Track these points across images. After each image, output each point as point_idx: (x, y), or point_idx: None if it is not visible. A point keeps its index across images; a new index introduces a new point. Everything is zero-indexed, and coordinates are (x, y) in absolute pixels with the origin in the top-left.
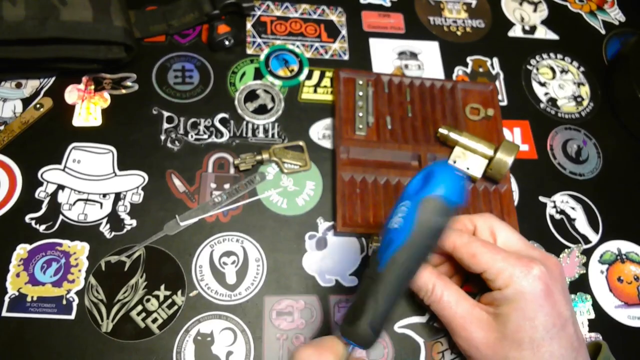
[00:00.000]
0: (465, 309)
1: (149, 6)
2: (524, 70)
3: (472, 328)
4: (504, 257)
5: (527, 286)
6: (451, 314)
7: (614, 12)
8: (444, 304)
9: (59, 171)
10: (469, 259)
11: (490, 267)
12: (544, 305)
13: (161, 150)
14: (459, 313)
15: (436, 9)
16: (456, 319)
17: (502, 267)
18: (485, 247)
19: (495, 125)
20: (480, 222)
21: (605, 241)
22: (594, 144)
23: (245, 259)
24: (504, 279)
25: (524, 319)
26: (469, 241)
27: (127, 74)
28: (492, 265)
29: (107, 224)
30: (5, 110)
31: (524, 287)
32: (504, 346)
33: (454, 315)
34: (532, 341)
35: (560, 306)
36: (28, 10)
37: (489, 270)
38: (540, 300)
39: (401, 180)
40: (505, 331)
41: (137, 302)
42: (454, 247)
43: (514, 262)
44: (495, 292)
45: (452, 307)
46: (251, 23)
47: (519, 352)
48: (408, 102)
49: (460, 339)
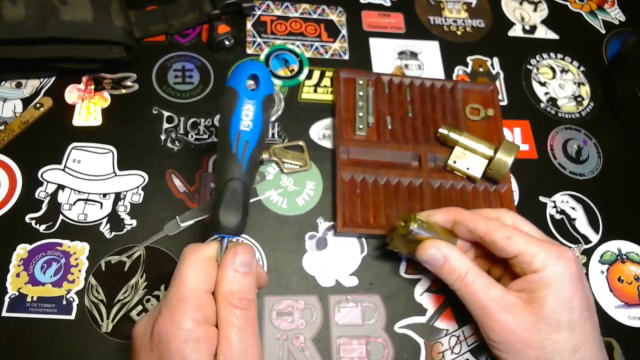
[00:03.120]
0: (498, 294)
1: (149, 6)
2: (524, 70)
3: (507, 312)
4: (539, 242)
5: (565, 268)
6: (485, 299)
7: (614, 11)
8: (476, 289)
9: (59, 171)
10: (503, 241)
11: (525, 249)
12: (579, 287)
13: (161, 150)
14: (492, 298)
15: (436, 9)
16: (491, 304)
17: (538, 250)
18: (518, 231)
19: (495, 125)
20: (504, 214)
21: (606, 241)
22: (594, 144)
23: None
24: (540, 261)
25: (562, 300)
26: (501, 226)
27: (127, 74)
28: (527, 248)
29: (107, 224)
30: (5, 110)
31: (561, 268)
32: (540, 329)
33: (487, 300)
34: (570, 322)
35: (588, 291)
36: (28, 10)
37: (524, 253)
38: (576, 283)
39: (401, 180)
40: (543, 313)
41: (137, 302)
42: (487, 231)
43: (549, 246)
44: (530, 275)
45: (485, 292)
46: (251, 23)
47: (556, 333)
48: (408, 102)
49: (495, 324)
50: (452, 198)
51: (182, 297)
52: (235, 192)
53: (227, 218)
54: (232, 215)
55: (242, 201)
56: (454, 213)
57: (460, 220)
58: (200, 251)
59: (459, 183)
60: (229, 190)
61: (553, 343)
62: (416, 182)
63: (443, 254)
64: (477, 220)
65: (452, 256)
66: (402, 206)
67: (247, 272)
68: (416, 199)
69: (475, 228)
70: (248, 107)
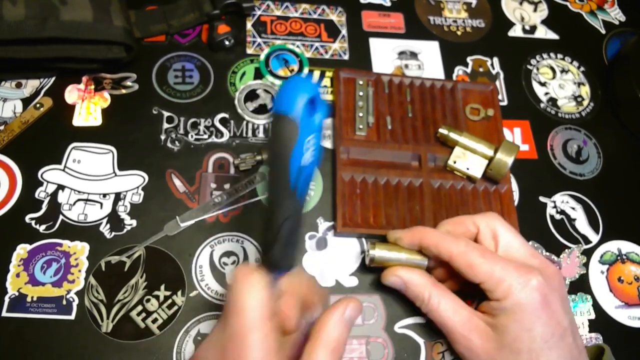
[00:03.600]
0: (464, 317)
1: (149, 6)
2: (524, 70)
3: (472, 336)
4: (503, 267)
5: (525, 298)
6: (450, 323)
7: (614, 11)
8: (441, 312)
9: (59, 171)
10: (466, 269)
11: (488, 278)
12: (542, 316)
13: (161, 150)
14: (457, 322)
15: (436, 9)
16: (455, 328)
17: (500, 278)
18: (483, 256)
19: (495, 125)
20: (483, 224)
21: (606, 241)
22: (594, 144)
23: (245, 259)
24: (502, 290)
25: (522, 329)
26: (465, 250)
27: (127, 74)
28: (490, 276)
29: (107, 224)
30: (5, 110)
31: (522, 298)
32: (502, 355)
33: (453, 324)
34: (531, 351)
35: (558, 316)
36: (28, 9)
37: (487, 282)
38: (538, 312)
39: (401, 180)
40: (504, 341)
41: (137, 303)
42: (450, 256)
43: (512, 273)
44: (493, 302)
45: (450, 316)
46: (251, 23)
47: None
48: (408, 102)
49: (461, 347)
50: (452, 198)
51: (248, 328)
52: (293, 229)
53: (284, 257)
54: (291, 252)
55: (298, 237)
56: (419, 236)
57: (426, 244)
58: (255, 279)
59: (459, 183)
60: (287, 228)
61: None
62: (416, 182)
63: (404, 281)
64: (441, 244)
65: (412, 282)
66: (402, 206)
67: (349, 328)
68: (416, 199)
69: (439, 253)
70: (310, 139)
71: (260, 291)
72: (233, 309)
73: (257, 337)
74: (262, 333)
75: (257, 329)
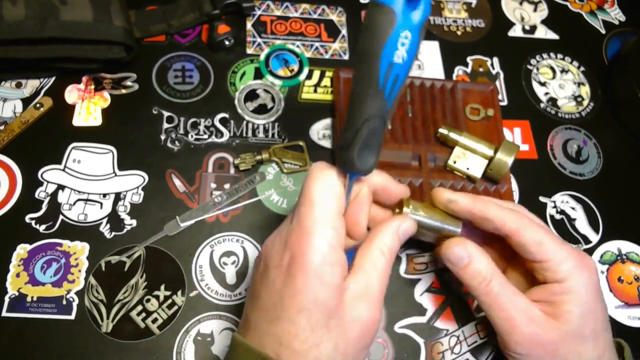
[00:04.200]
0: (525, 305)
1: (149, 6)
2: (524, 70)
3: (534, 325)
4: (568, 249)
5: (588, 278)
6: (511, 310)
7: (614, 11)
8: (502, 298)
9: (59, 171)
10: (534, 246)
11: (554, 257)
12: (601, 296)
13: (161, 150)
14: (520, 309)
15: (436, 9)
16: (517, 316)
17: (565, 259)
18: (548, 234)
19: (495, 125)
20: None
21: (606, 241)
22: (594, 144)
23: (245, 259)
24: (566, 270)
25: (588, 311)
26: (531, 225)
27: (127, 74)
28: (557, 256)
29: (107, 224)
30: (5, 110)
31: (586, 278)
32: (567, 342)
33: (514, 312)
34: (594, 333)
35: (603, 295)
36: (28, 9)
37: (552, 261)
38: (599, 293)
39: (401, 180)
40: (569, 327)
41: (137, 302)
42: (517, 230)
43: (574, 254)
44: (553, 285)
45: (512, 302)
46: (251, 23)
47: (582, 345)
48: (408, 102)
49: (521, 337)
50: None
51: (316, 220)
52: (375, 131)
53: (364, 159)
54: (369, 156)
55: (379, 140)
56: (481, 205)
57: (491, 216)
58: (330, 174)
59: (459, 183)
60: (369, 129)
61: (578, 356)
62: (416, 182)
63: (468, 254)
64: (506, 216)
65: (478, 258)
66: None
67: (401, 240)
68: (416, 199)
69: (503, 226)
70: (406, 33)
71: (333, 187)
72: (303, 200)
73: (323, 230)
74: (328, 227)
75: (324, 222)
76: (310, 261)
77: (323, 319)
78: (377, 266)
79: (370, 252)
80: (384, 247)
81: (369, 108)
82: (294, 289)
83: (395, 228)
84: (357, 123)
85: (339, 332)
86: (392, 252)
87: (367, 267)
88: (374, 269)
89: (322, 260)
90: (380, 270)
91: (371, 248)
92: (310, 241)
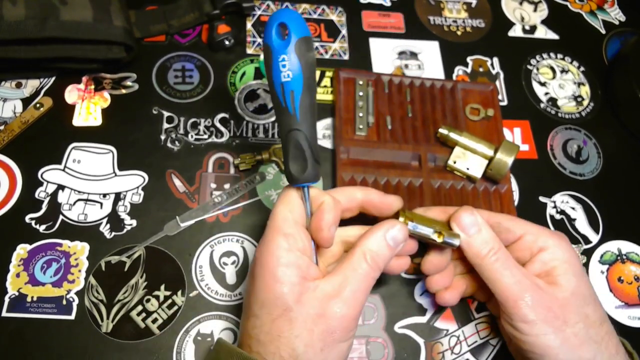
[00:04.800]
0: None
1: (149, 6)
2: (524, 70)
3: (542, 289)
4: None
5: (566, 245)
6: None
7: (614, 11)
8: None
9: (59, 171)
10: (507, 221)
11: (529, 229)
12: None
13: (161, 150)
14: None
15: (436, 9)
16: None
17: (537, 230)
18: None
19: (495, 125)
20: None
21: (606, 241)
22: (594, 144)
23: (245, 259)
24: (545, 240)
25: (579, 273)
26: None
27: (127, 74)
28: (530, 228)
29: (107, 224)
30: (5, 110)
31: (565, 245)
32: (571, 303)
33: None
34: (592, 295)
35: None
36: (28, 9)
37: (529, 233)
38: (579, 260)
39: (401, 180)
40: (569, 287)
41: (137, 302)
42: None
43: (543, 229)
44: (541, 254)
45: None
46: (251, 23)
47: (586, 306)
48: (408, 102)
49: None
50: (452, 198)
51: (272, 229)
52: (297, 143)
53: (296, 169)
54: (299, 165)
55: (306, 150)
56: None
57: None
58: (288, 191)
59: (459, 183)
60: (291, 142)
61: (585, 317)
62: (416, 182)
63: (479, 223)
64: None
65: (486, 228)
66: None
67: (390, 247)
68: (416, 199)
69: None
70: (282, 57)
71: (289, 201)
72: (270, 216)
73: (277, 237)
74: (282, 234)
75: (279, 230)
76: (266, 263)
77: (282, 312)
78: (356, 269)
79: (352, 255)
80: (367, 251)
81: (284, 125)
82: (255, 288)
83: (382, 233)
84: (283, 139)
85: (302, 326)
86: (377, 257)
87: (345, 269)
88: (352, 271)
89: (276, 261)
90: (360, 273)
91: (354, 252)
92: (267, 247)
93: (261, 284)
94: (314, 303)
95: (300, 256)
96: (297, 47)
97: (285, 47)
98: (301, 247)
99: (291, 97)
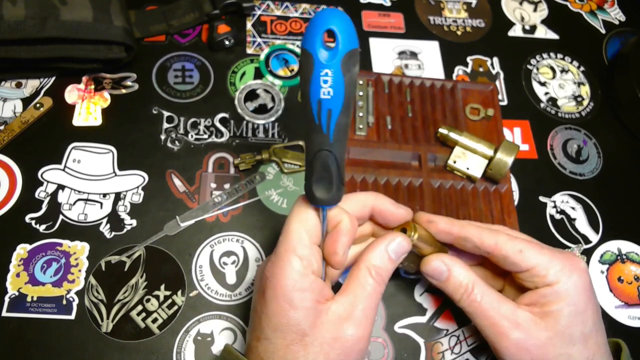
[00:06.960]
0: (509, 310)
1: (149, 6)
2: (524, 70)
3: (520, 330)
4: (551, 252)
5: (578, 280)
6: (495, 316)
7: (614, 11)
8: (485, 305)
9: (59, 171)
10: (515, 255)
11: (539, 262)
12: (592, 298)
13: (161, 150)
14: (504, 315)
15: (436, 9)
16: (502, 322)
17: (551, 263)
18: (529, 243)
19: (495, 125)
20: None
21: (606, 241)
22: (594, 144)
23: (245, 259)
24: (554, 274)
25: (577, 312)
26: (510, 238)
27: (127, 74)
28: (540, 261)
29: (107, 224)
30: (5, 110)
31: (576, 281)
32: (555, 344)
33: (499, 318)
34: (583, 335)
35: (597, 300)
36: (28, 9)
37: (537, 266)
38: (589, 293)
39: (401, 180)
40: (557, 328)
41: (137, 302)
42: (495, 245)
43: (561, 256)
44: (543, 288)
45: (495, 309)
46: (251, 23)
47: (571, 347)
48: (408, 102)
49: (508, 343)
50: (452, 198)
51: (287, 249)
52: (325, 164)
53: (320, 190)
54: (323, 187)
55: (333, 172)
56: (459, 226)
57: (466, 235)
58: (305, 207)
59: (459, 183)
60: (318, 162)
61: (567, 357)
62: (416, 182)
63: (447, 267)
64: (483, 234)
65: (457, 269)
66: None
67: (393, 260)
68: (416, 199)
69: (482, 243)
70: (325, 71)
71: (306, 219)
72: (282, 232)
73: (293, 258)
74: (297, 256)
75: (294, 252)
76: (280, 286)
77: (297, 338)
78: (364, 287)
79: (358, 272)
80: (371, 266)
81: (314, 143)
82: (268, 312)
83: (384, 246)
84: (309, 157)
85: (317, 350)
86: (382, 271)
87: (354, 288)
88: (361, 290)
89: (292, 286)
90: (368, 290)
91: (359, 268)
92: (281, 268)
93: (275, 307)
94: (328, 327)
95: (314, 280)
96: (344, 61)
97: (331, 60)
98: (315, 269)
99: (327, 116)
